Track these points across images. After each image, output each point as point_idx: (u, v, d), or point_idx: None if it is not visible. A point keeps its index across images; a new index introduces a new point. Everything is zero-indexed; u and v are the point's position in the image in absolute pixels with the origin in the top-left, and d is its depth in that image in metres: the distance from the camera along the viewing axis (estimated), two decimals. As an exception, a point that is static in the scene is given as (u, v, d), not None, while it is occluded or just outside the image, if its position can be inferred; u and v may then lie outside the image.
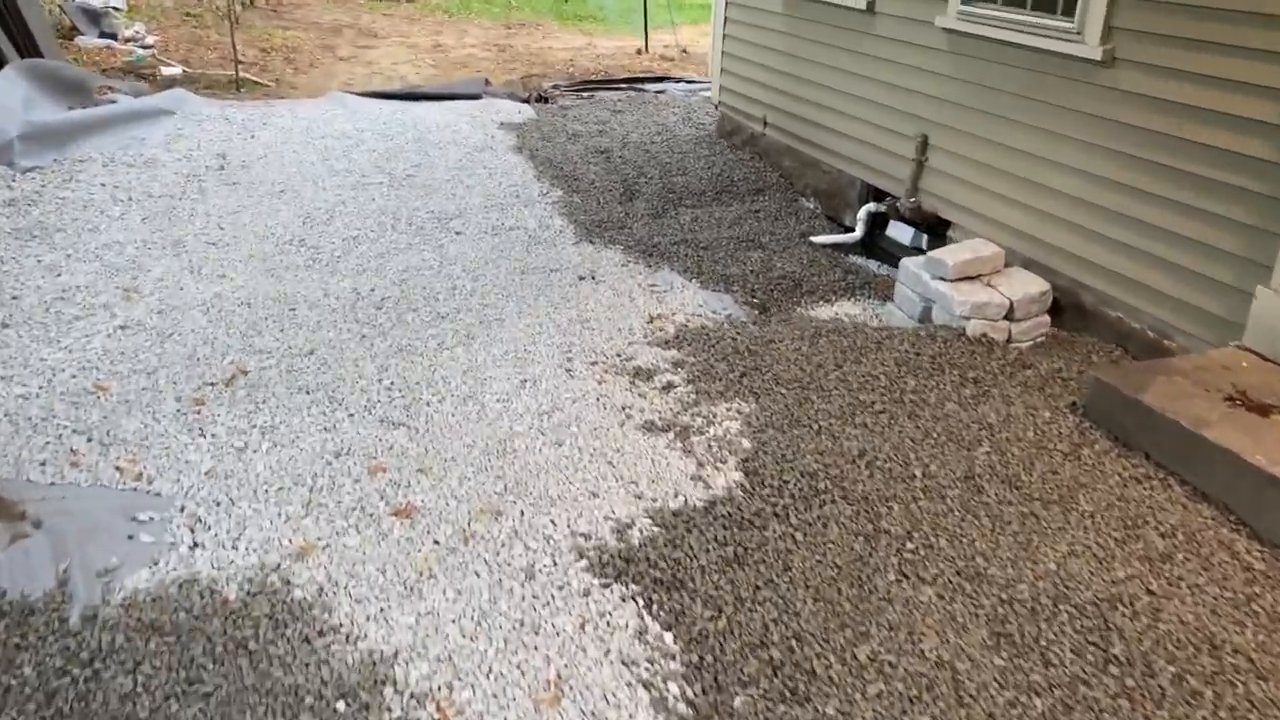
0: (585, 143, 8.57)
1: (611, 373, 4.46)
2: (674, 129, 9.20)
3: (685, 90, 10.77)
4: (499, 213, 6.71)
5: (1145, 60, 4.59)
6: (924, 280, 5.21)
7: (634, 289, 5.57)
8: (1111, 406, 4.00)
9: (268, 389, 4.13)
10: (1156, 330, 4.69)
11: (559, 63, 12.45)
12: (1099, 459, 3.86)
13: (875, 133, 6.57)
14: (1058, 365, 4.65)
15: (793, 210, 7.29)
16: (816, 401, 4.22)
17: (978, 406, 4.25)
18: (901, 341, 4.86)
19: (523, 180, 7.47)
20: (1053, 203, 5.17)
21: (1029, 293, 5.00)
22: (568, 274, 5.71)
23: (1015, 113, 5.34)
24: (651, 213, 7.03)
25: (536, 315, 5.07)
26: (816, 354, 4.69)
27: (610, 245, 6.31)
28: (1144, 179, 4.64)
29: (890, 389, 4.37)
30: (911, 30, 6.11)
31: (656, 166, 7.95)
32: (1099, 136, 4.86)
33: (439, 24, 15.34)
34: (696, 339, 4.84)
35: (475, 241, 6.13)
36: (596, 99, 10.33)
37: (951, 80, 5.82)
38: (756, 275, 5.99)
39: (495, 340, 4.73)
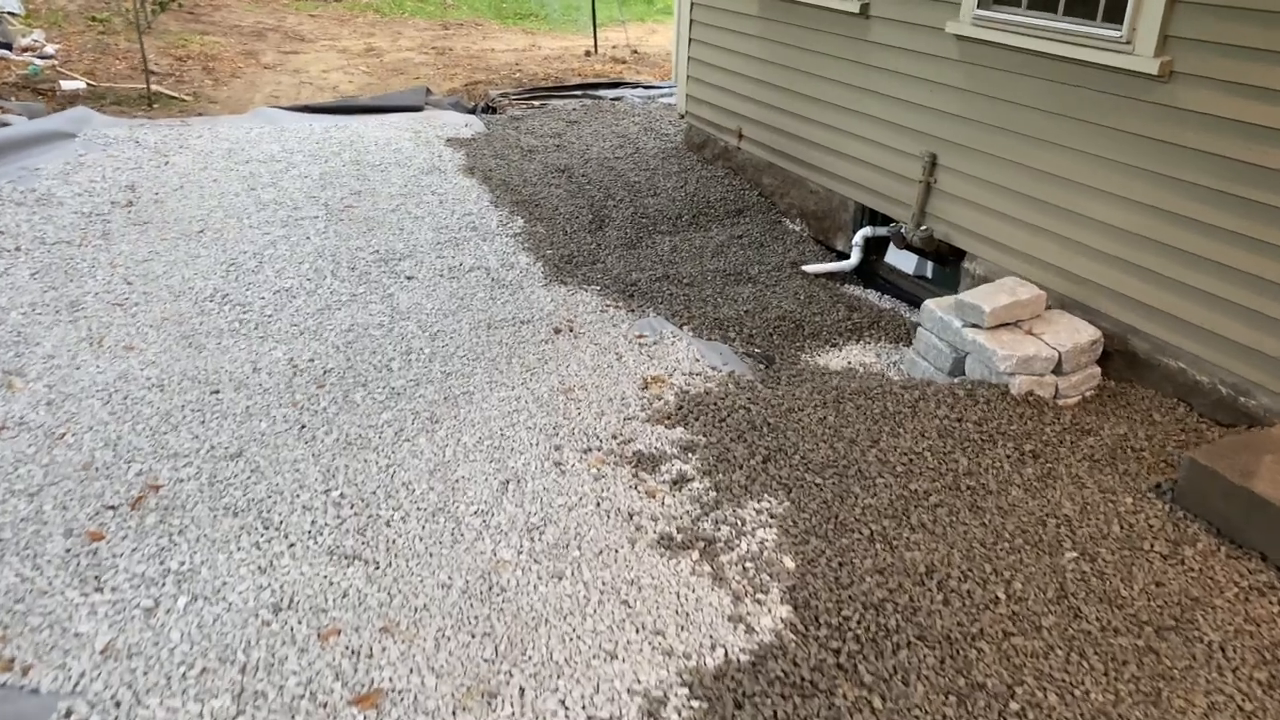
0: (543, 160, 7.78)
1: (610, 463, 3.71)
2: (637, 141, 8.45)
3: (644, 96, 10.02)
4: (454, 249, 5.90)
5: (1212, 75, 3.96)
6: (954, 327, 4.54)
7: (619, 342, 4.82)
8: (1210, 493, 3.36)
9: (185, 511, 3.30)
10: (1231, 386, 4.07)
11: (503, 66, 11.60)
12: (1206, 562, 3.21)
13: (872, 150, 5.90)
14: (1121, 430, 4.01)
15: (777, 234, 6.60)
16: (860, 494, 3.52)
17: (1046, 491, 3.59)
18: (938, 404, 4.19)
19: (478, 208, 6.66)
20: (1096, 235, 4.54)
21: (1078, 342, 4.35)
22: (541, 326, 4.94)
23: (1046, 132, 4.69)
24: (625, 242, 6.28)
25: (511, 385, 4.29)
26: (845, 425, 3.99)
27: (584, 285, 5.55)
28: (1215, 212, 4.02)
29: (941, 471, 3.68)
30: (916, 37, 5.43)
31: (625, 187, 7.20)
32: (1154, 162, 4.23)
33: (371, 25, 14.38)
34: (703, 410, 4.10)
35: (430, 288, 5.31)
36: (549, 108, 9.54)
37: (965, 94, 5.16)
38: (752, 317, 5.28)
39: (465, 423, 3.95)
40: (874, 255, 6.21)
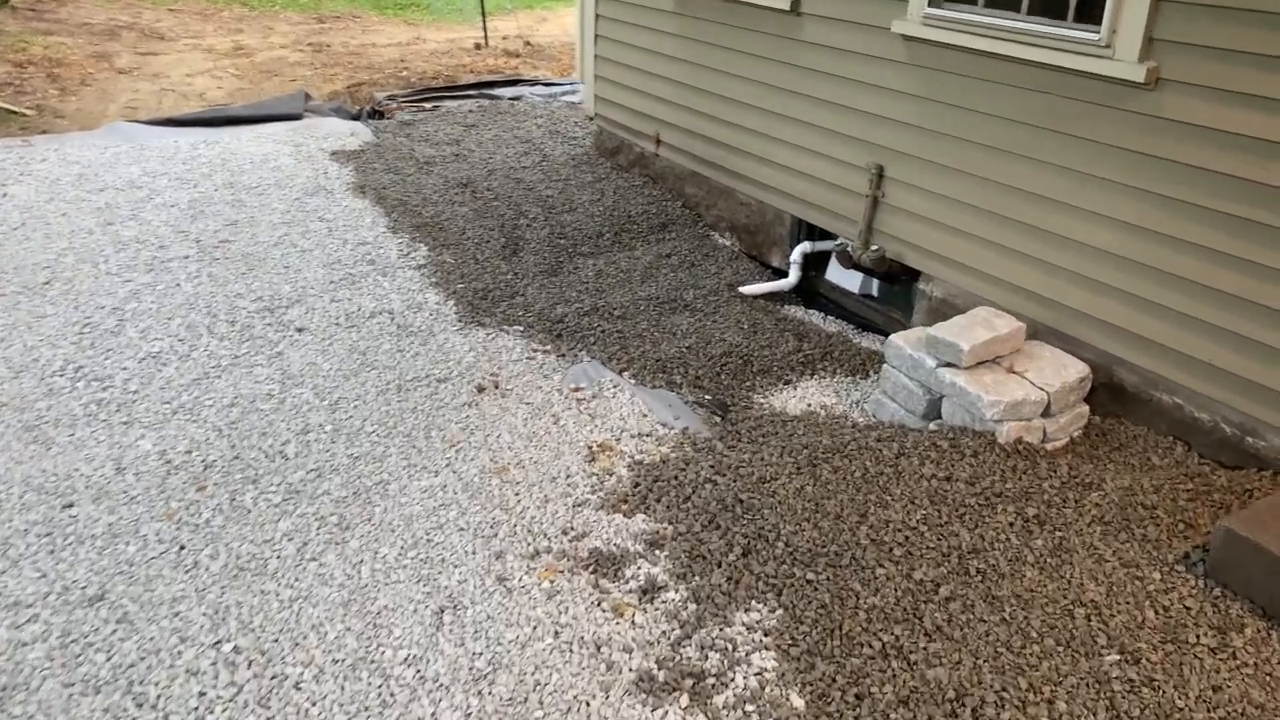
0: (442, 173, 7.06)
1: (564, 569, 3.11)
2: (544, 147, 7.80)
3: (544, 95, 9.35)
4: (350, 289, 5.18)
5: (1205, 82, 3.56)
6: (927, 367, 4.07)
7: (554, 399, 4.21)
8: (1252, 568, 2.96)
9: (29, 694, 2.57)
10: (1236, 425, 3.70)
11: (388, 64, 10.75)
12: (1259, 653, 2.81)
13: (809, 160, 5.40)
14: (1125, 482, 3.61)
15: (707, 250, 6.06)
16: (861, 591, 3.01)
17: (1062, 569, 3.15)
18: (922, 461, 3.71)
19: (374, 235, 5.92)
20: (1076, 257, 4.13)
21: (1066, 381, 3.93)
22: (461, 384, 4.29)
23: (1014, 144, 4.25)
24: (545, 269, 5.65)
25: (433, 468, 3.64)
26: (826, 495, 3.48)
27: (505, 326, 4.91)
28: (1211, 234, 3.63)
29: (943, 550, 3.20)
30: (857, 37, 4.94)
31: (537, 202, 6.55)
32: (1140, 178, 3.82)
33: (238, 19, 13.27)
34: (663, 486, 3.54)
35: (325, 342, 4.60)
36: (442, 110, 8.78)
37: (916, 100, 4.69)
38: (695, 354, 4.74)
39: (382, 527, 3.29)
40: (813, 271, 5.74)
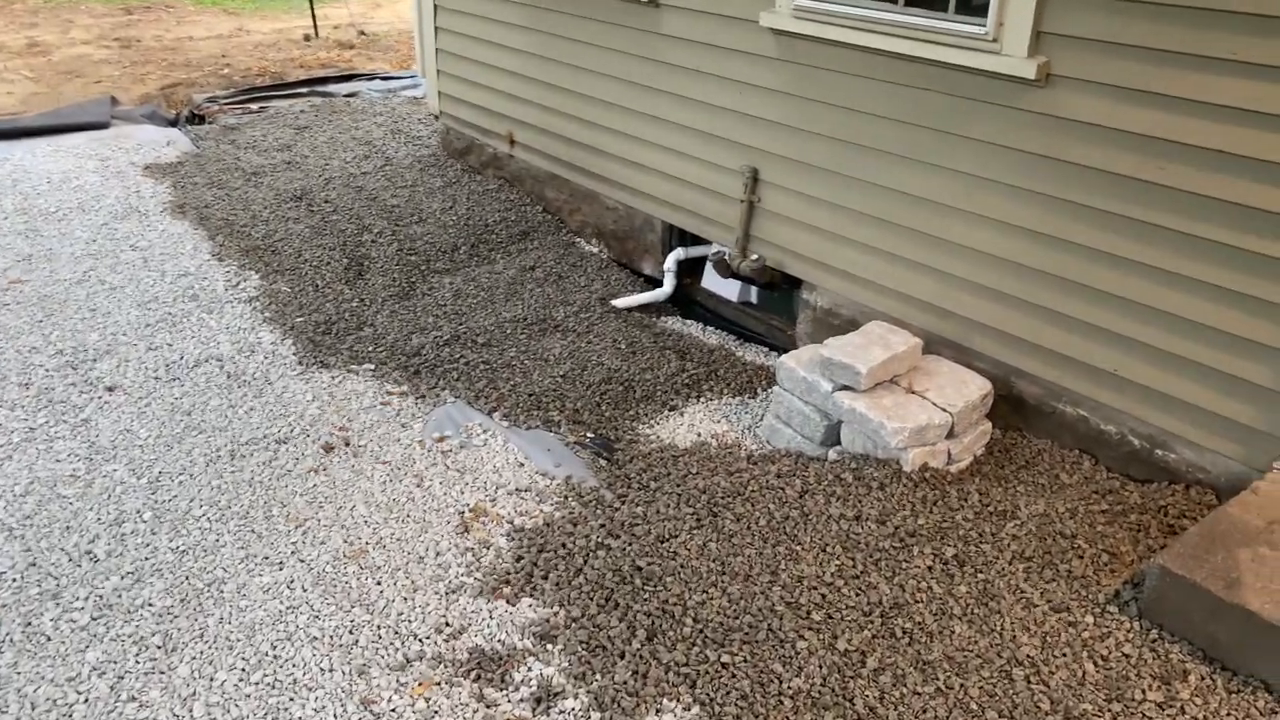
0: (272, 184, 6.37)
1: (443, 681, 2.65)
2: (386, 149, 7.18)
3: (384, 90, 8.68)
4: (170, 332, 4.51)
5: (1097, 79, 3.35)
6: (822, 391, 3.77)
7: (415, 454, 3.72)
8: (1191, 610, 2.76)
9: None
10: (1145, 438, 3.54)
11: (207, 60, 9.82)
12: (1207, 704, 2.61)
13: (679, 162, 5.03)
14: (1039, 507, 3.39)
15: (574, 260, 5.64)
16: (783, 673, 2.67)
17: (991, 619, 2.89)
18: (828, 499, 3.41)
19: (196, 264, 5.24)
20: (968, 264, 3.89)
21: (969, 399, 3.70)
22: (305, 443, 3.74)
23: (899, 145, 3.98)
24: (396, 291, 5.11)
25: (278, 558, 3.11)
26: (732, 552, 3.13)
27: (354, 365, 4.36)
28: (1111, 238, 3.44)
29: (864, 610, 2.90)
30: (723, 31, 4.58)
31: (382, 213, 5.97)
32: (1034, 180, 3.60)
33: (32, 12, 11.96)
34: (550, 558, 3.11)
35: (141, 403, 3.96)
36: (271, 112, 8.01)
37: (789, 98, 4.38)
38: (572, 383, 4.32)
39: (218, 645, 2.74)
40: (689, 279, 5.39)
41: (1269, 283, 3.08)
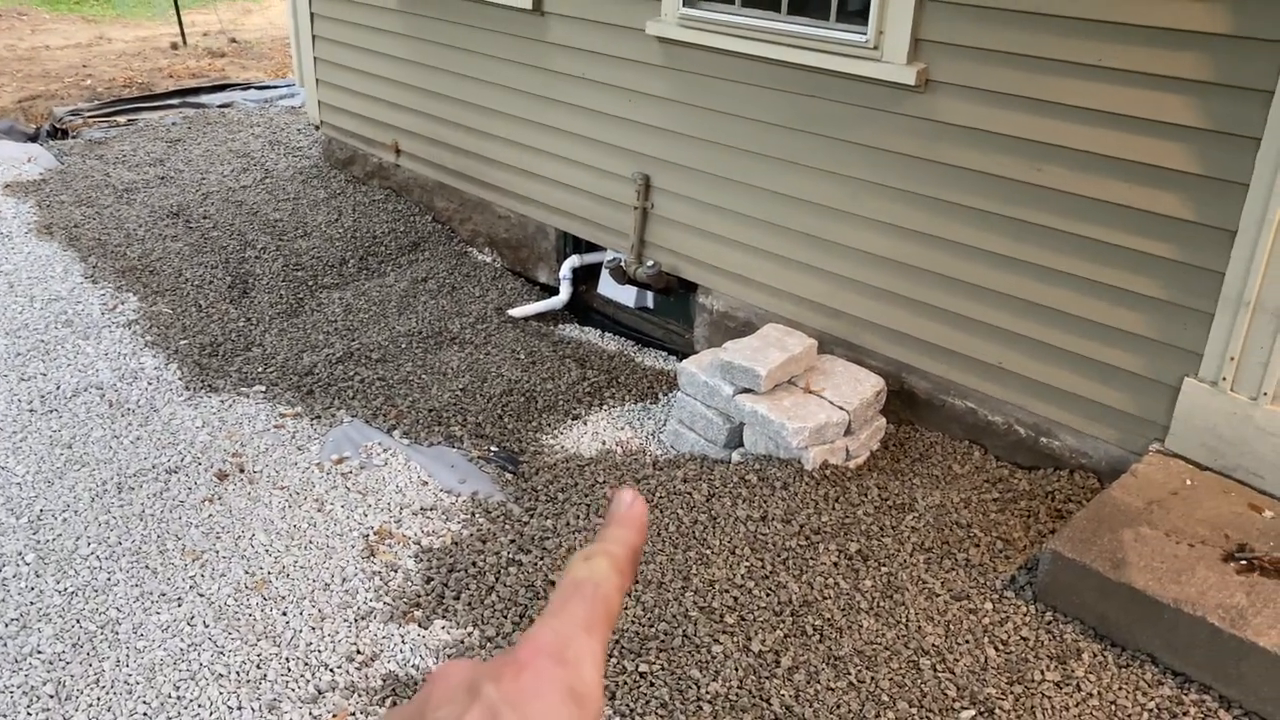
0: (146, 200, 6.12)
1: (357, 710, 2.59)
2: (265, 161, 6.96)
3: (259, 100, 8.42)
4: (44, 361, 4.29)
5: (972, 84, 3.50)
6: (724, 394, 3.83)
7: (314, 478, 3.62)
8: (1082, 590, 2.90)
9: None
10: (1030, 426, 3.70)
11: (67, 71, 9.35)
12: (1100, 680, 2.75)
13: (570, 170, 5.03)
14: (935, 499, 3.52)
15: (467, 269, 5.58)
16: (700, 678, 2.70)
17: (897, 611, 2.99)
18: (734, 501, 3.47)
19: (68, 287, 4.99)
20: (856, 265, 4.01)
21: (864, 396, 3.81)
22: (197, 472, 3.61)
23: (786, 151, 4.07)
24: (283, 309, 4.97)
25: (176, 594, 2.98)
26: (644, 561, 3.15)
27: (243, 388, 4.23)
28: (988, 236, 3.59)
29: (775, 609, 2.96)
30: (609, 39, 4.60)
31: (264, 228, 5.79)
32: (916, 182, 3.73)
33: None
34: (461, 578, 3.07)
35: (17, 437, 3.75)
36: (140, 124, 7.68)
37: (678, 105, 4.43)
38: (472, 396, 4.28)
39: (117, 690, 2.62)
40: (585, 286, 5.40)
41: (1138, 275, 3.26)
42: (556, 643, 0.39)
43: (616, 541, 0.43)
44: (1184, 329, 3.20)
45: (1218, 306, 3.10)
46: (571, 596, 0.40)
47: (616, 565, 0.42)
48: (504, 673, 0.37)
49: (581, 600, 0.40)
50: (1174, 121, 3.07)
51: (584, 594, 0.40)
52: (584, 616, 0.40)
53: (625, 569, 0.42)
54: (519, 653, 0.38)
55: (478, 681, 0.37)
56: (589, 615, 0.40)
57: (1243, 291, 3.02)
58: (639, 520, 0.44)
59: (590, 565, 0.41)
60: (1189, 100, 3.03)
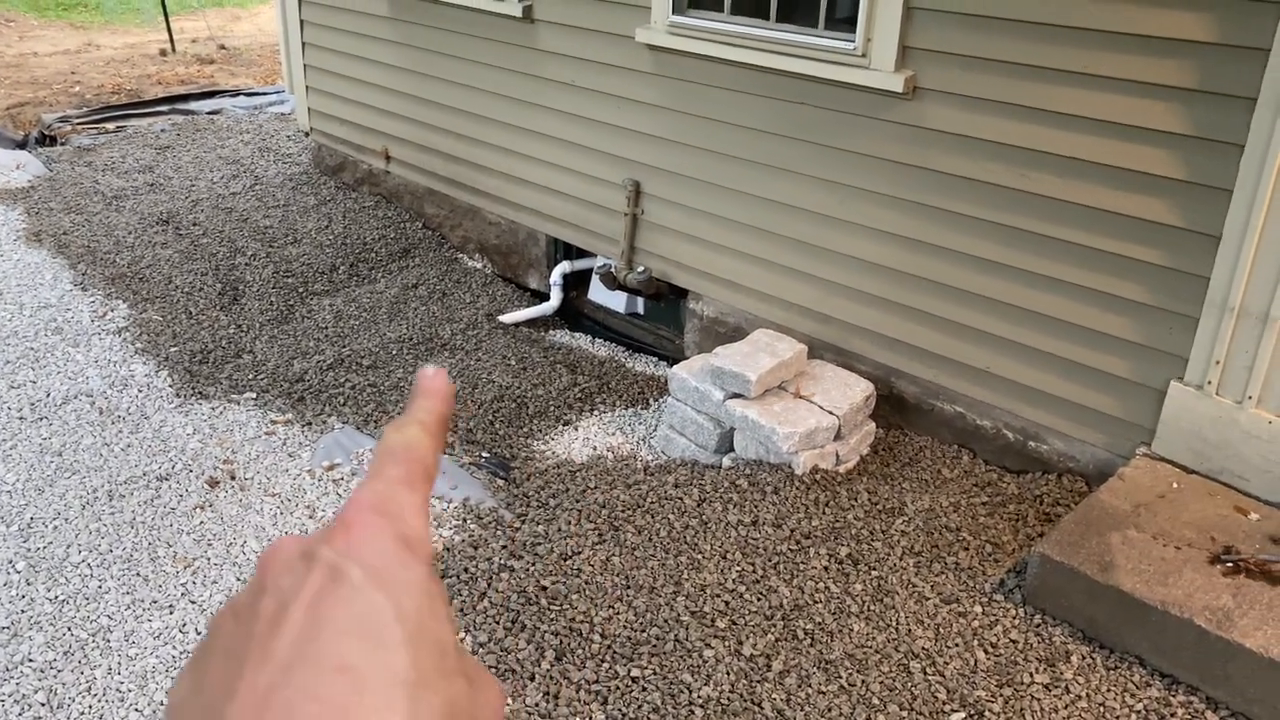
0: (135, 207, 6.11)
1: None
2: (255, 168, 6.96)
3: (249, 107, 8.41)
4: (33, 369, 4.28)
5: (960, 91, 3.53)
6: (714, 400, 3.85)
7: (305, 484, 3.62)
8: (1071, 593, 2.93)
9: None
10: (1018, 431, 3.73)
11: (56, 78, 9.33)
12: (1089, 682, 2.77)
13: (561, 176, 5.05)
14: (925, 503, 3.54)
15: (458, 276, 5.59)
16: (692, 682, 2.71)
17: (887, 615, 3.00)
18: (725, 506, 3.48)
19: (58, 294, 4.98)
20: (846, 271, 4.03)
21: (854, 401, 3.83)
22: (188, 479, 3.60)
23: (776, 157, 4.10)
24: (274, 316, 4.97)
25: (168, 601, 2.98)
26: (636, 566, 3.16)
27: (234, 395, 4.22)
28: (978, 243, 3.62)
29: (766, 613, 2.98)
30: (599, 46, 4.63)
31: (254, 235, 5.79)
32: (905, 189, 3.76)
33: None
34: (453, 583, 3.08)
35: (6, 445, 3.74)
36: (129, 131, 7.67)
37: (668, 112, 4.45)
38: (463, 403, 4.28)
39: (109, 698, 2.61)
40: (575, 292, 5.41)
41: (1124, 280, 3.29)
42: (378, 499, 0.40)
43: (424, 410, 0.44)
44: (1170, 333, 3.24)
45: (1203, 311, 3.13)
46: (387, 461, 0.42)
47: (427, 430, 0.43)
48: (335, 535, 0.38)
49: (397, 462, 0.41)
50: (1159, 128, 3.10)
51: (397, 457, 0.42)
52: (402, 475, 0.41)
53: (435, 431, 0.44)
54: (344, 515, 0.39)
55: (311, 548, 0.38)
56: (406, 473, 0.41)
57: (1227, 296, 3.05)
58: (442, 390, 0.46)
59: (403, 433, 0.43)
60: (1174, 107, 3.06)
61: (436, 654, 0.37)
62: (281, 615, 0.36)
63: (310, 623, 0.36)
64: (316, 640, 0.35)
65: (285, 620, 0.36)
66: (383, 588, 0.37)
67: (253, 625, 0.37)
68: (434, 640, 0.37)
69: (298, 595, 0.37)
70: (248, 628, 0.37)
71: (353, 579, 0.37)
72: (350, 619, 0.36)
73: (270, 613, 0.37)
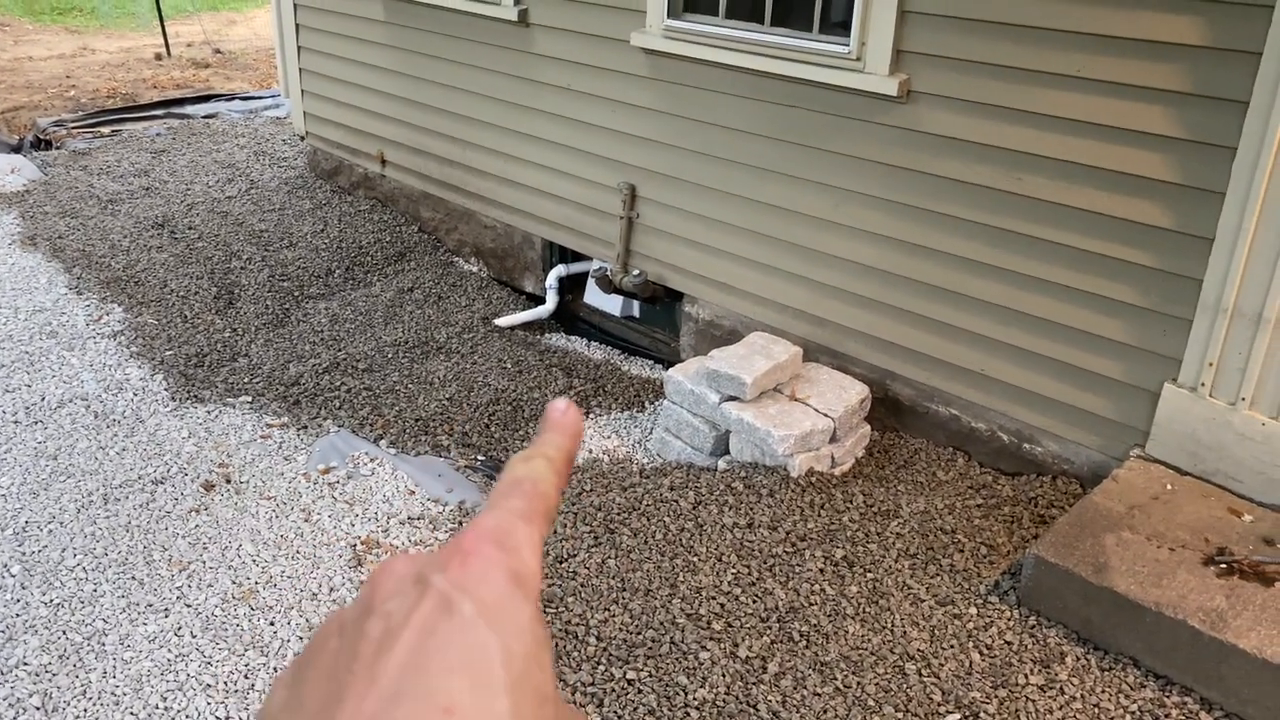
0: (131, 211, 6.11)
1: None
2: (250, 172, 6.96)
3: (244, 111, 8.41)
4: (28, 372, 4.28)
5: (954, 94, 3.54)
6: (710, 402, 3.86)
7: (301, 488, 3.62)
8: (1065, 594, 2.93)
9: None
10: (1013, 433, 3.74)
11: (50, 82, 9.33)
12: (1083, 683, 2.78)
13: (557, 180, 5.06)
14: (920, 505, 3.55)
15: (454, 279, 5.59)
16: (688, 684, 2.72)
17: (882, 616, 3.01)
18: (721, 509, 3.49)
19: (53, 298, 4.98)
20: (841, 274, 4.04)
21: (849, 404, 3.84)
22: (184, 483, 3.60)
23: (770, 161, 4.11)
24: (269, 320, 4.97)
25: (163, 605, 2.98)
26: (631, 568, 3.17)
27: (230, 398, 4.22)
28: (972, 245, 3.63)
29: (761, 616, 2.98)
30: (594, 50, 4.64)
31: (250, 239, 5.79)
32: (899, 192, 3.77)
33: None
34: (446, 587, 3.08)
35: (2, 448, 3.74)
36: (124, 135, 7.67)
37: (663, 116, 4.46)
38: (459, 406, 4.29)
39: (104, 702, 2.61)
40: (570, 295, 5.42)
41: (1116, 283, 3.30)
42: (498, 531, 0.40)
43: (552, 445, 0.44)
44: (1163, 335, 3.25)
45: (1196, 313, 3.14)
46: (511, 492, 0.42)
47: (553, 466, 0.43)
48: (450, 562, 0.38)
49: (520, 495, 0.42)
50: (1152, 131, 3.11)
51: (522, 490, 0.42)
52: (523, 509, 0.41)
53: (561, 469, 0.44)
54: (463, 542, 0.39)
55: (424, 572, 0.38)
56: (528, 508, 0.41)
57: (1220, 298, 3.06)
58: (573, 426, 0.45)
59: (529, 465, 0.43)
60: (1167, 110, 3.08)
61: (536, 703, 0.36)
62: (390, 640, 0.36)
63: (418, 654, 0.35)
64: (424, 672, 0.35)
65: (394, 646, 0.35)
66: (493, 626, 0.36)
67: (358, 645, 0.36)
68: (535, 688, 0.36)
69: (407, 622, 0.36)
70: (353, 647, 0.36)
71: (464, 613, 0.36)
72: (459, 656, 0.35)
73: (378, 636, 0.36)
